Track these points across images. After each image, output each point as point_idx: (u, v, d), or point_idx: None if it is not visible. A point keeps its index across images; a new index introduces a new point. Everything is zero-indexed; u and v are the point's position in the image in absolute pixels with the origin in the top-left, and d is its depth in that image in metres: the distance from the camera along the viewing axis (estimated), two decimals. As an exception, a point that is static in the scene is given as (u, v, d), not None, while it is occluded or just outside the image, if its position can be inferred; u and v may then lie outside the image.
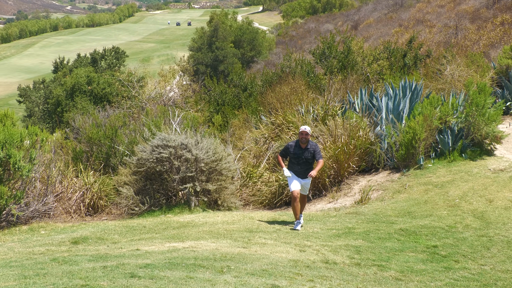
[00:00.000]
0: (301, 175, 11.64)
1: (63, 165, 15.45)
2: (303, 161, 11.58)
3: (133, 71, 35.21)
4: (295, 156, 11.62)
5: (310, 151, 11.61)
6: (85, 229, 11.75)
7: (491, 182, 13.25)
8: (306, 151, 11.61)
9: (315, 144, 11.79)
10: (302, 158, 11.57)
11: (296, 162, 11.65)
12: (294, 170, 11.69)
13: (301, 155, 11.57)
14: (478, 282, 8.42)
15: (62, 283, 6.05)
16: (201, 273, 7.19)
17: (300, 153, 11.58)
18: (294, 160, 11.68)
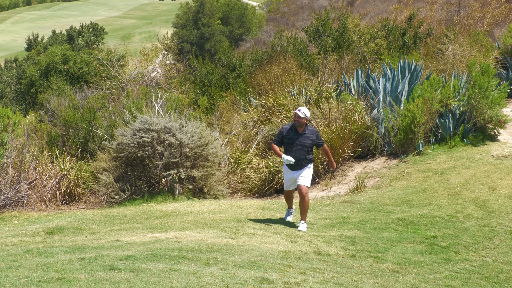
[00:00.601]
0: (296, 165, 10.49)
1: (37, 150, 15.38)
2: (298, 148, 10.49)
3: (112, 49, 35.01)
4: (289, 141, 10.55)
5: (309, 137, 10.56)
6: (61, 218, 11.73)
7: (494, 169, 13.32)
8: (303, 136, 10.54)
9: (315, 130, 10.79)
10: (298, 145, 10.49)
11: (289, 148, 10.56)
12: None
13: (295, 140, 10.51)
14: (480, 274, 8.48)
15: (36, 276, 6.04)
16: (186, 265, 7.20)
17: (295, 138, 10.52)
18: (287, 146, 10.63)
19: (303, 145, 10.51)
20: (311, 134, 10.61)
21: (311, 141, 10.58)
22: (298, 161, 10.49)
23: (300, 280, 6.94)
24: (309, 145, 10.57)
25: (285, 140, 10.61)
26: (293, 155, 10.45)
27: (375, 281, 7.57)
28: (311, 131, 10.68)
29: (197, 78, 27.74)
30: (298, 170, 10.57)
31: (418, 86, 15.85)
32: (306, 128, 10.61)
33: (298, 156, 10.48)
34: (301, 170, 10.57)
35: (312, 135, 10.61)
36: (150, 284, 5.98)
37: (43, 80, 32.31)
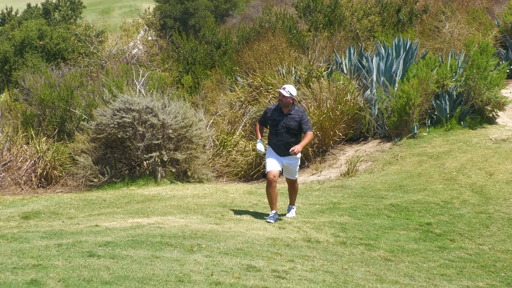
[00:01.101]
0: (281, 150, 9.84)
1: (11, 131, 15.32)
2: (283, 130, 9.78)
3: (91, 25, 34.75)
4: (273, 122, 9.87)
5: (295, 118, 9.76)
6: (37, 202, 11.70)
7: (492, 153, 13.38)
8: (288, 117, 9.77)
9: (302, 110, 9.93)
10: (282, 127, 9.77)
11: (274, 131, 9.92)
12: (272, 142, 9.97)
13: (279, 122, 9.79)
14: (476, 263, 8.54)
15: (11, 263, 6.03)
16: (169, 252, 7.21)
17: (279, 120, 9.80)
18: (272, 129, 9.98)
19: (288, 127, 9.78)
20: (297, 114, 9.83)
21: (296, 122, 9.79)
22: (284, 146, 9.80)
23: (288, 268, 6.96)
24: (295, 127, 9.80)
25: (269, 121, 9.99)
26: (277, 139, 9.84)
27: (366, 270, 7.61)
28: (297, 111, 9.88)
29: (180, 56, 27.61)
30: (283, 157, 9.92)
31: (414, 66, 15.86)
32: (292, 109, 9.86)
33: (283, 140, 9.80)
34: (287, 157, 9.90)
35: (297, 116, 9.81)
36: (131, 272, 5.98)
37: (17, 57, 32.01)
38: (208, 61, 26.81)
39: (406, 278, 7.52)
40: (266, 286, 5.92)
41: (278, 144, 9.83)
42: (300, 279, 6.48)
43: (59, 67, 22.11)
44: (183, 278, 5.94)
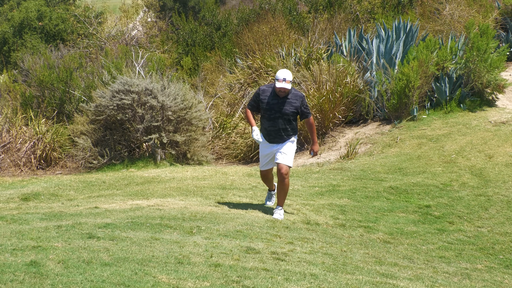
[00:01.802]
0: (271, 137, 8.91)
1: (10, 112, 15.30)
2: (278, 116, 8.81)
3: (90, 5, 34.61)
4: (266, 106, 8.85)
5: (293, 103, 8.82)
6: (36, 184, 11.71)
7: (492, 136, 13.38)
8: (286, 102, 8.80)
9: (301, 94, 8.98)
10: (278, 112, 8.81)
11: (266, 115, 8.89)
12: (263, 127, 8.98)
13: (274, 106, 8.80)
14: (474, 245, 8.56)
15: (11, 244, 6.04)
16: (168, 234, 7.22)
17: (273, 104, 8.81)
18: (264, 113, 8.92)
19: (283, 113, 8.81)
20: (295, 99, 8.85)
21: (294, 108, 8.83)
22: (277, 132, 8.87)
23: (288, 250, 6.97)
24: (292, 113, 8.84)
25: (262, 105, 8.92)
26: (271, 125, 8.86)
27: (365, 252, 7.63)
28: (295, 95, 8.89)
29: (180, 37, 27.53)
30: (277, 144, 8.94)
31: (414, 48, 15.82)
32: (290, 92, 8.82)
33: (277, 127, 8.84)
34: (282, 144, 8.93)
35: (296, 101, 8.84)
36: (131, 253, 5.99)
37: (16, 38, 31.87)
38: (207, 43, 26.74)
39: (405, 260, 7.54)
40: (265, 268, 5.93)
41: (270, 130, 8.89)
42: (299, 261, 6.49)
43: (58, 48, 22.02)
44: (182, 260, 5.95)
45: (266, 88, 9.04)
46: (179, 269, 5.64)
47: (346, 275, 6.12)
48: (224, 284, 5.24)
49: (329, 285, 5.57)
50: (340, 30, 21.09)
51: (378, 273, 6.49)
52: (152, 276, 5.31)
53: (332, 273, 6.14)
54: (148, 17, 35.71)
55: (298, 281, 5.60)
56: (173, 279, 5.30)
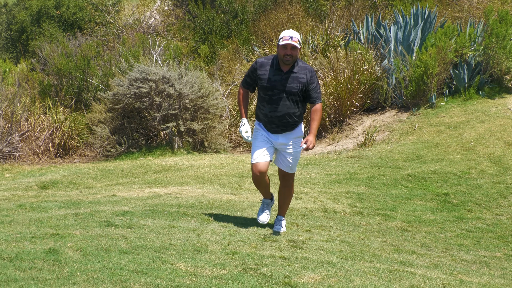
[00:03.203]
0: (274, 125, 6.78)
1: (29, 100, 15.37)
2: (282, 96, 6.68)
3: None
4: (266, 84, 6.71)
5: (300, 79, 6.65)
6: (55, 172, 11.78)
7: (511, 123, 13.29)
8: (290, 77, 6.64)
9: (310, 68, 6.78)
10: (280, 91, 6.66)
11: (267, 97, 6.74)
12: (262, 113, 6.85)
13: (276, 83, 6.66)
14: (493, 233, 8.53)
15: (29, 232, 6.08)
16: (186, 222, 7.24)
17: (275, 80, 6.66)
18: (263, 93, 6.77)
19: (289, 92, 6.66)
20: (303, 73, 6.69)
21: (302, 85, 6.66)
22: (281, 118, 6.73)
23: (305, 238, 6.98)
24: (299, 92, 6.68)
25: (261, 83, 6.77)
26: (271, 108, 6.72)
27: (383, 240, 7.62)
28: (303, 68, 6.72)
29: (197, 25, 27.50)
30: (279, 134, 6.86)
31: (432, 35, 15.72)
32: (296, 64, 6.69)
33: (279, 111, 6.69)
34: (283, 135, 6.88)
35: (304, 76, 6.67)
36: (149, 241, 6.02)
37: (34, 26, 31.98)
38: (224, 31, 26.67)
39: (423, 248, 7.52)
40: (282, 256, 5.94)
41: (271, 116, 6.73)
42: (316, 249, 6.49)
43: (76, 36, 22.07)
44: (200, 248, 5.97)
45: (265, 61, 6.82)
46: (196, 257, 5.65)
47: (364, 263, 6.11)
48: (242, 272, 5.25)
49: (346, 273, 5.57)
50: (358, 17, 20.99)
51: (395, 261, 6.48)
52: (169, 264, 5.33)
53: (349, 261, 6.14)
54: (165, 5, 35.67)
55: (316, 269, 5.61)
56: (191, 266, 5.32)
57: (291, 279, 5.18)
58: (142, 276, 4.89)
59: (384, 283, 5.32)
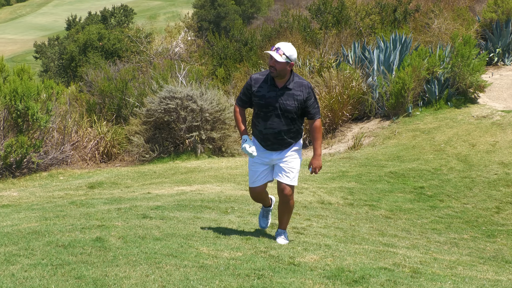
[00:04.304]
0: (269, 142, 5.54)
1: (78, 116, 15.45)
2: (277, 113, 5.46)
3: (141, 28, 34.80)
4: (261, 101, 5.50)
5: (296, 96, 5.43)
6: (100, 174, 11.83)
7: (474, 128, 13.26)
8: (285, 94, 5.43)
9: (308, 84, 5.52)
10: (277, 109, 5.44)
11: (262, 113, 5.54)
12: (257, 130, 5.62)
13: (271, 100, 5.45)
14: (461, 219, 8.51)
15: (80, 224, 6.12)
16: (207, 213, 7.26)
17: (270, 96, 5.45)
18: (260, 111, 5.56)
19: (284, 109, 5.43)
20: (299, 90, 5.45)
21: (298, 102, 5.43)
22: (276, 136, 5.50)
23: (306, 225, 6.98)
24: (295, 110, 5.44)
25: (255, 99, 5.55)
26: (266, 125, 5.50)
27: (370, 226, 7.61)
28: (299, 84, 5.47)
29: (214, 52, 27.59)
30: (276, 152, 5.60)
31: (408, 56, 15.71)
32: (291, 80, 5.46)
33: (274, 127, 5.47)
34: (284, 152, 5.60)
35: (301, 92, 5.43)
36: (177, 230, 6.04)
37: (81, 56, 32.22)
38: (237, 56, 26.74)
39: (403, 232, 7.52)
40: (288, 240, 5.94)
41: (266, 133, 5.51)
42: (315, 234, 6.50)
43: (115, 63, 22.18)
44: (219, 235, 5.98)
45: (260, 77, 5.58)
46: (217, 242, 5.67)
47: (354, 245, 6.11)
48: (254, 254, 5.26)
49: (340, 253, 5.57)
50: (347, 43, 20.99)
51: (381, 243, 6.47)
52: (195, 248, 5.34)
53: (342, 243, 6.14)
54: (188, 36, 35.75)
55: (315, 251, 5.61)
56: (212, 250, 5.33)
57: (295, 259, 5.19)
58: (172, 258, 4.91)
59: (371, 262, 5.32)
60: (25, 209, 7.75)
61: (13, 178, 11.57)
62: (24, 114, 11.70)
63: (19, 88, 11.57)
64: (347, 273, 4.72)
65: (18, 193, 9.88)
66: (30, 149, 11.79)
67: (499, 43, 19.07)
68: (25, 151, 11.64)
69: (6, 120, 11.72)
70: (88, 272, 4.38)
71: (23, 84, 11.70)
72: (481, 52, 17.30)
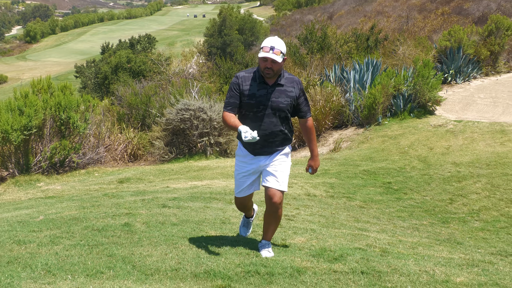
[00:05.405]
0: (261, 147, 4.27)
1: (110, 124, 15.46)
2: (268, 113, 4.18)
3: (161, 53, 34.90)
4: (254, 102, 4.17)
5: (288, 92, 4.21)
6: (128, 172, 11.83)
7: (432, 135, 13.28)
8: (277, 91, 4.18)
9: (298, 80, 4.30)
10: (266, 106, 4.16)
11: (251, 113, 4.21)
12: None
13: (262, 98, 4.16)
14: (421, 208, 8.52)
15: (111, 212, 6.12)
16: (215, 203, 7.26)
17: (261, 95, 4.16)
18: (247, 111, 4.22)
19: (276, 107, 4.16)
20: (291, 85, 4.21)
21: (291, 99, 4.19)
22: (267, 138, 4.22)
23: (295, 214, 6.99)
24: (287, 107, 4.19)
25: (244, 99, 4.18)
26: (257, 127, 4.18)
27: (347, 214, 7.62)
28: (291, 80, 4.24)
29: (221, 72, 27.60)
30: (265, 156, 4.32)
31: (378, 76, 15.73)
32: (282, 76, 4.21)
33: (265, 129, 4.18)
34: (271, 156, 4.32)
35: (292, 88, 4.21)
36: (190, 217, 6.04)
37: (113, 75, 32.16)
38: (239, 76, 26.79)
39: (374, 219, 7.52)
40: (280, 225, 5.94)
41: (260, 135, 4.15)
42: (303, 221, 6.50)
43: (141, 81, 22.20)
44: (225, 221, 5.99)
45: (246, 75, 4.23)
46: (222, 227, 5.67)
47: (335, 230, 6.12)
48: (253, 237, 5.26)
49: (323, 236, 5.58)
50: (328, 65, 21.02)
51: (356, 228, 6.48)
52: (205, 232, 5.35)
53: (325, 228, 6.14)
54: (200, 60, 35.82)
55: (302, 234, 5.62)
56: (219, 233, 5.33)
57: (286, 241, 5.19)
58: (186, 240, 4.91)
59: (348, 243, 5.33)
60: (67, 199, 7.76)
61: (57, 174, 11.56)
62: (66, 123, 11.70)
63: (62, 101, 11.58)
64: (329, 252, 4.72)
65: (61, 187, 9.88)
66: (71, 151, 11.79)
67: (452, 66, 19.13)
68: (67, 152, 11.64)
69: (52, 127, 11.73)
70: (118, 251, 4.38)
71: (66, 98, 11.70)
72: (437, 73, 17.35)
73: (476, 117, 14.47)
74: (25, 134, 10.71)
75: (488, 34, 20.15)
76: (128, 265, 4.04)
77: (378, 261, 4.52)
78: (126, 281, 3.72)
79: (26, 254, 4.22)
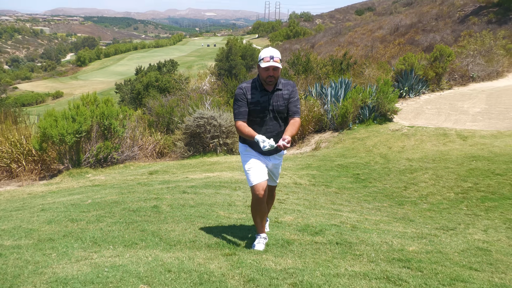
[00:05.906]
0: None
1: (142, 129, 15.43)
2: (272, 116, 3.71)
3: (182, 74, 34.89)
4: (257, 107, 3.68)
5: (284, 95, 3.73)
6: (156, 166, 11.82)
7: (391, 137, 13.28)
8: (275, 95, 3.71)
9: (292, 83, 3.82)
10: (269, 110, 3.70)
11: (258, 119, 3.71)
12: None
13: (266, 104, 3.69)
14: (382, 194, 8.51)
15: (143, 197, 6.12)
16: (224, 190, 7.27)
17: (264, 101, 3.68)
18: (254, 117, 3.71)
19: (277, 110, 3.74)
20: (286, 88, 3.78)
21: (285, 101, 3.76)
22: (274, 138, 3.75)
23: (285, 198, 6.99)
24: (285, 108, 3.78)
25: (250, 106, 3.70)
26: (264, 130, 3.74)
27: (326, 198, 7.62)
28: (287, 84, 3.81)
29: (228, 89, 27.61)
30: (272, 157, 3.91)
31: (349, 92, 15.74)
32: (279, 82, 3.77)
33: (272, 131, 3.75)
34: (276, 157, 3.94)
35: (287, 90, 3.77)
36: (204, 200, 6.04)
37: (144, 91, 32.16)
38: (242, 92, 26.73)
39: (346, 202, 7.52)
40: (274, 206, 5.95)
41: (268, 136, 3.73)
42: (291, 203, 6.50)
43: (166, 96, 22.16)
44: (231, 203, 5.99)
45: (248, 85, 3.76)
46: (229, 208, 5.67)
47: (316, 210, 6.12)
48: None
49: (307, 216, 5.58)
50: (311, 84, 21.01)
51: (332, 209, 6.48)
52: (215, 212, 5.35)
53: (308, 209, 6.14)
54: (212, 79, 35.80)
55: (291, 214, 5.62)
56: (227, 213, 5.33)
57: (278, 219, 5.19)
58: (201, 219, 4.91)
59: (326, 220, 5.33)
60: (109, 187, 7.75)
61: (101, 168, 11.55)
62: (109, 128, 11.69)
63: (105, 111, 11.57)
64: (311, 227, 4.73)
65: (104, 177, 9.87)
66: (112, 150, 11.79)
67: (406, 84, 19.14)
68: (109, 151, 11.64)
69: (97, 131, 11.72)
70: (148, 227, 4.38)
71: (108, 109, 11.70)
72: (395, 90, 17.32)
73: (424, 124, 14.47)
74: (77, 136, 10.72)
75: (434, 59, 20.19)
76: (156, 238, 4.04)
77: (349, 235, 4.53)
78: (155, 250, 3.73)
79: (77, 229, 4.23)
